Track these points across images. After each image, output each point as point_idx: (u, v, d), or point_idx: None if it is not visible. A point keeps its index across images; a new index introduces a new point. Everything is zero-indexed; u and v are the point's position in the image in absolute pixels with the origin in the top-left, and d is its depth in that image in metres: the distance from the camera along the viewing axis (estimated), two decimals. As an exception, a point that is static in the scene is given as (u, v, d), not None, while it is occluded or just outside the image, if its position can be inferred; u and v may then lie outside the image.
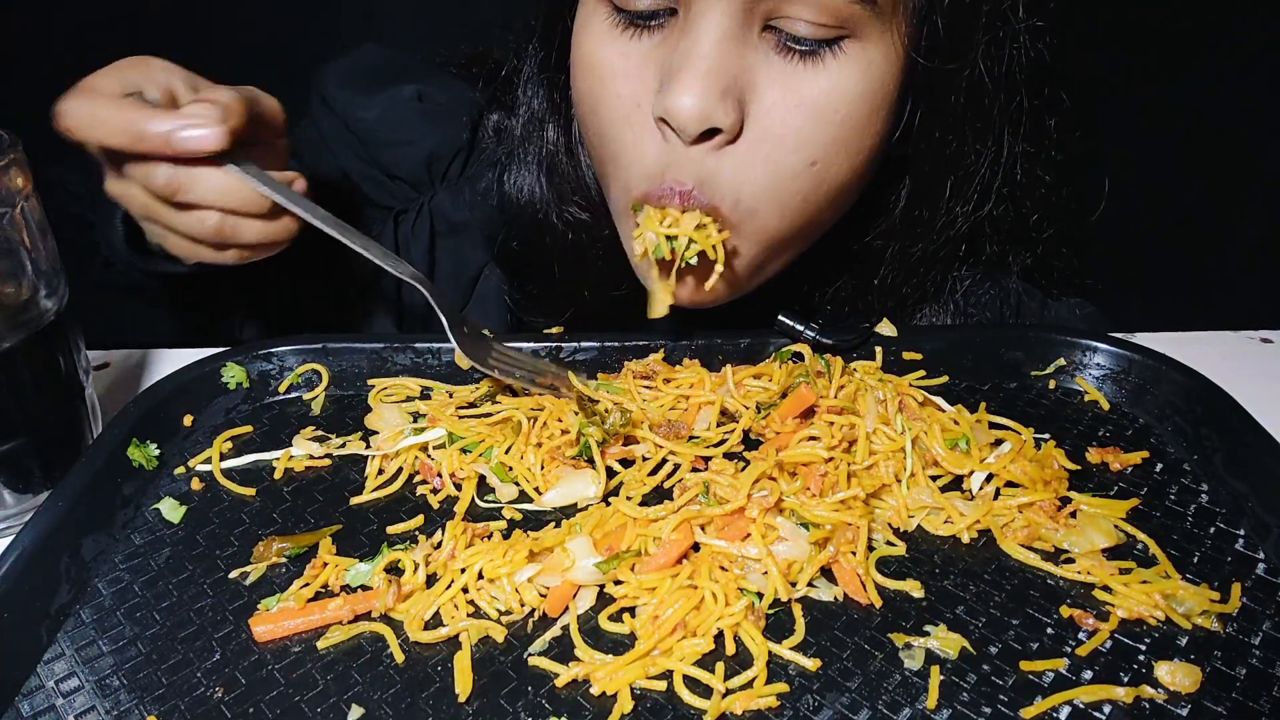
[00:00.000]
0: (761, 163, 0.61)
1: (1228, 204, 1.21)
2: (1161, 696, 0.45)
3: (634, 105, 0.63)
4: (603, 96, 0.64)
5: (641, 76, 0.62)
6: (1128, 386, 0.67)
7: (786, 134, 0.60)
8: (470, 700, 0.46)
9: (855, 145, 0.63)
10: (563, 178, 0.76)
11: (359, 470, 0.62)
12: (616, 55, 0.62)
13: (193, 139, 0.59)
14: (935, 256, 0.73)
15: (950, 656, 0.48)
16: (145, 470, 0.61)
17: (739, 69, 0.59)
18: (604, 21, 0.63)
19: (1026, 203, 0.74)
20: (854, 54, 0.60)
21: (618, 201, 0.68)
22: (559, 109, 0.75)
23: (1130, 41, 1.11)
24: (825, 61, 0.59)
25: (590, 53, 0.64)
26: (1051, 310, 0.83)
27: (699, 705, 0.45)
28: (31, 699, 0.46)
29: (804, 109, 0.60)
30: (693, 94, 0.58)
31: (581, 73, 0.66)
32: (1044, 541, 0.55)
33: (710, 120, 0.59)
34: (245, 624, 0.50)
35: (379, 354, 0.70)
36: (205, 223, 0.62)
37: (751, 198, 0.63)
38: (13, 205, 0.56)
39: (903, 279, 0.74)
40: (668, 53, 0.60)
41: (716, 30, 0.58)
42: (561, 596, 0.51)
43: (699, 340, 0.70)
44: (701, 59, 0.58)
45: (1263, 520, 0.55)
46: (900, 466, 0.59)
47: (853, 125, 0.62)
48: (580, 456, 0.60)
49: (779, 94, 0.60)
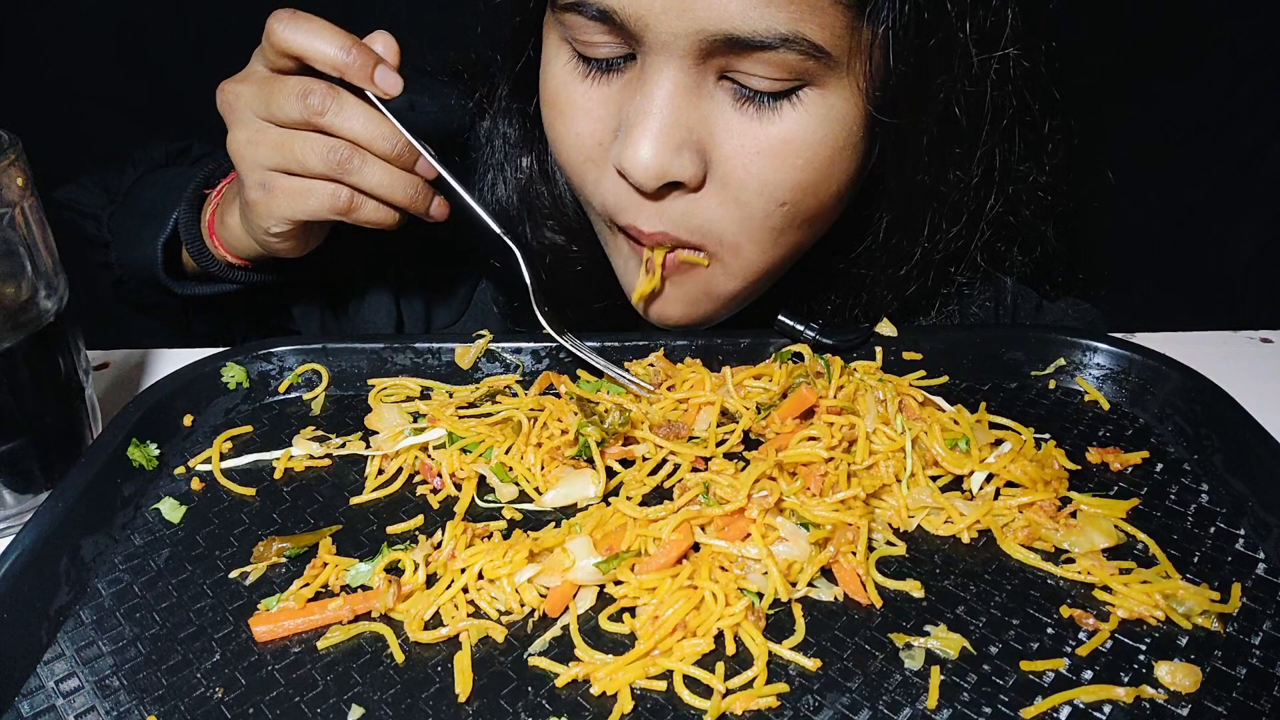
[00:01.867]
0: (731, 205, 0.62)
1: (1228, 204, 1.21)
2: (1161, 696, 0.45)
3: (595, 144, 0.63)
4: (565, 134, 0.65)
5: (602, 118, 0.62)
6: (1128, 386, 0.67)
7: (749, 180, 0.60)
8: (470, 700, 0.46)
9: (822, 186, 0.63)
10: (537, 203, 0.77)
11: (359, 470, 0.62)
12: (578, 96, 0.63)
13: (389, 79, 0.61)
14: (923, 274, 0.72)
15: (950, 656, 0.48)
16: (145, 470, 0.61)
17: (695, 120, 0.59)
18: (566, 63, 0.63)
19: (1024, 211, 0.73)
20: (813, 101, 0.59)
21: (597, 220, 0.70)
22: (531, 137, 0.75)
23: (1130, 42, 1.11)
24: (783, 111, 0.59)
25: (553, 91, 0.65)
26: (1046, 313, 0.83)
27: (699, 705, 0.45)
28: (31, 699, 0.46)
29: (764, 156, 0.60)
30: (649, 150, 0.58)
31: (547, 108, 0.66)
32: (1044, 541, 0.55)
33: (668, 175, 0.59)
34: (245, 624, 0.50)
35: (379, 354, 0.70)
36: (337, 152, 0.62)
37: (729, 235, 0.63)
38: (13, 205, 0.56)
39: (891, 294, 0.74)
40: (628, 98, 0.61)
41: (670, 84, 0.58)
42: (562, 596, 0.51)
43: (699, 340, 0.70)
44: (655, 115, 0.58)
45: (1263, 520, 0.55)
46: (900, 466, 0.59)
47: (816, 168, 0.61)
48: (579, 456, 0.60)
49: (738, 143, 0.60)
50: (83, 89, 1.17)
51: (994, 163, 0.68)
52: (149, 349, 0.79)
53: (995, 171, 0.68)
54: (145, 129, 1.16)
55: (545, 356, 0.70)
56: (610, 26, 0.58)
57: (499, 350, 0.71)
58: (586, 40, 0.60)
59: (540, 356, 0.71)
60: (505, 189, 0.78)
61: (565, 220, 0.76)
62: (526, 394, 0.66)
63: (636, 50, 0.59)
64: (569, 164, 0.66)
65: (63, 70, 1.16)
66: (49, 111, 1.16)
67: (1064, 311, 0.83)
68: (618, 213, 0.65)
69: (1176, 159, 1.19)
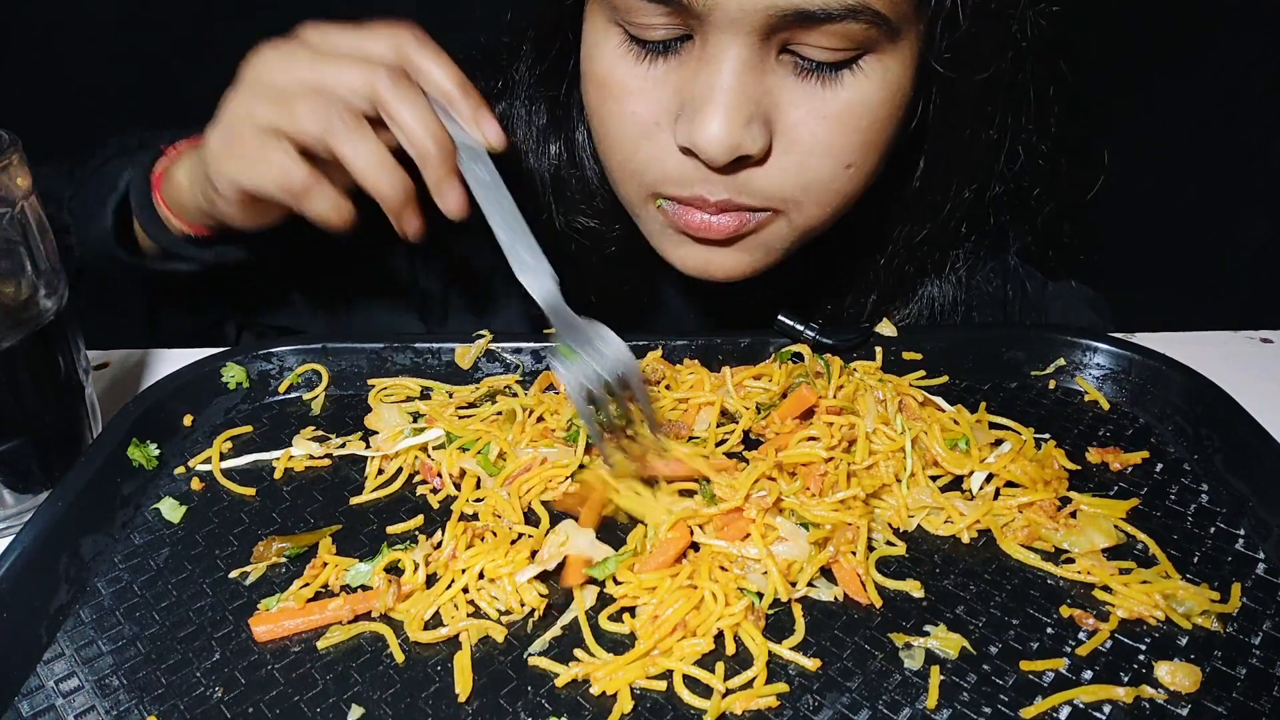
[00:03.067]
0: (795, 171, 0.62)
1: (1228, 204, 1.21)
2: (1161, 696, 0.45)
3: (652, 124, 0.63)
4: (619, 115, 0.64)
5: (659, 99, 0.62)
6: (1128, 386, 0.67)
7: (816, 145, 0.61)
8: (470, 700, 0.46)
9: (883, 143, 0.64)
10: (569, 190, 0.76)
11: (359, 470, 0.62)
12: (632, 78, 0.63)
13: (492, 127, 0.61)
14: (939, 235, 0.73)
15: (950, 656, 0.48)
16: (145, 470, 0.61)
17: (761, 94, 0.60)
18: (617, 46, 0.63)
19: (1026, 178, 0.74)
20: (872, 68, 0.60)
21: (632, 191, 0.68)
22: (561, 124, 0.75)
23: (1130, 41, 1.10)
24: (844, 79, 0.60)
25: (604, 73, 0.64)
26: (1050, 290, 0.83)
27: (699, 705, 0.45)
28: (31, 699, 0.46)
29: (829, 122, 0.61)
30: (721, 126, 0.58)
31: (595, 90, 0.66)
32: (1044, 541, 0.55)
33: (740, 149, 0.59)
34: (245, 624, 0.50)
35: (379, 354, 0.70)
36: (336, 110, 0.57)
37: (794, 195, 0.64)
38: (13, 205, 0.56)
39: (906, 257, 0.74)
40: (686, 77, 0.61)
41: (736, 61, 0.58)
42: (574, 570, 0.51)
43: (699, 340, 0.70)
44: (725, 91, 0.58)
45: (1263, 520, 0.55)
46: (900, 466, 0.59)
47: (879, 129, 0.63)
48: (570, 441, 0.60)
49: (803, 112, 0.61)
50: (83, 89, 1.16)
51: (1006, 123, 0.70)
52: (149, 349, 0.79)
53: (1008, 131, 0.70)
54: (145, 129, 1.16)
55: (545, 356, 0.70)
56: (672, 8, 0.58)
57: (499, 350, 0.71)
58: (643, 23, 0.60)
59: (540, 356, 0.71)
60: (532, 186, 0.77)
61: (595, 203, 0.76)
62: (527, 394, 0.67)
63: (696, 30, 0.59)
64: (621, 142, 0.65)
65: (63, 70, 1.16)
66: (49, 111, 1.16)
67: (1069, 291, 0.84)
68: (679, 186, 0.64)
69: (1177, 157, 1.18)
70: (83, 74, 1.16)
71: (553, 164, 0.76)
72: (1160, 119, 1.16)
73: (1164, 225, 1.21)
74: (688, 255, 0.69)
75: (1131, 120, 1.15)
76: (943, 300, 0.77)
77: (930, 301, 0.77)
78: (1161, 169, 1.18)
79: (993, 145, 0.69)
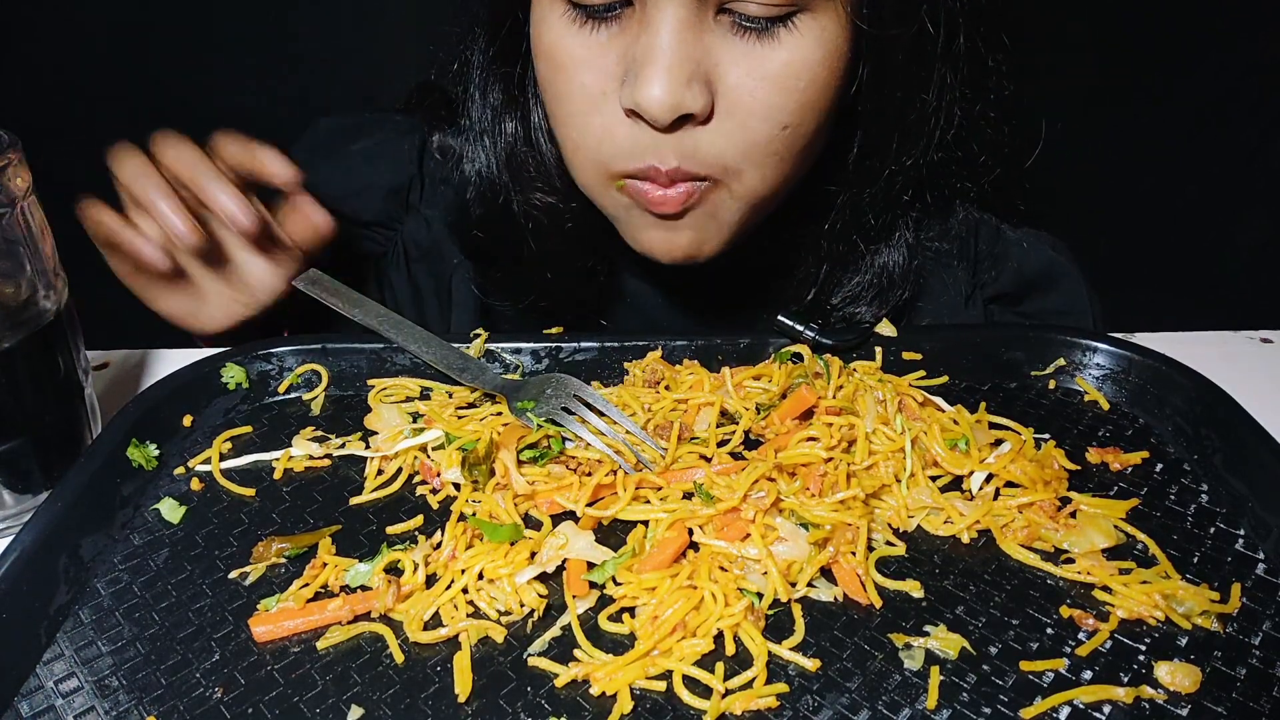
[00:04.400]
0: (738, 131, 0.64)
1: (1228, 204, 1.21)
2: (1161, 697, 0.45)
3: (600, 94, 0.65)
4: (567, 87, 0.66)
5: (603, 66, 0.64)
6: (1128, 386, 0.67)
7: (756, 105, 0.63)
8: (470, 701, 0.46)
9: (820, 105, 0.66)
10: (524, 167, 0.78)
11: (359, 470, 0.62)
12: (577, 47, 0.64)
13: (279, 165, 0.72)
14: (883, 201, 0.75)
15: (950, 657, 0.48)
16: (145, 470, 0.61)
17: (700, 53, 0.61)
18: (561, 16, 0.64)
19: (971, 144, 0.76)
20: (807, 25, 0.62)
21: (591, 176, 0.70)
22: (516, 102, 0.76)
23: (1130, 41, 1.10)
24: (780, 36, 0.62)
25: (550, 45, 0.66)
26: (1010, 236, 0.84)
27: (699, 705, 0.45)
28: (31, 699, 0.46)
29: (768, 81, 0.63)
30: (661, 86, 0.60)
31: (544, 64, 0.67)
32: (1044, 541, 0.55)
33: (682, 108, 0.61)
34: (244, 624, 0.50)
35: (379, 354, 0.70)
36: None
37: (734, 162, 0.65)
38: (13, 205, 0.56)
39: (852, 225, 0.76)
40: (628, 42, 0.63)
41: (675, 21, 0.60)
42: (575, 576, 0.51)
43: (698, 340, 0.70)
44: (665, 51, 0.60)
45: (1263, 520, 0.55)
46: (900, 467, 0.58)
47: (816, 89, 0.64)
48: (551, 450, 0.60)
49: (743, 71, 0.62)
50: (83, 89, 1.17)
51: (944, 88, 0.71)
52: (149, 349, 0.79)
53: (944, 95, 0.72)
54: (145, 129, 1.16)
55: (545, 356, 0.70)
56: None
57: (498, 350, 0.71)
58: None
59: (540, 356, 0.71)
60: (488, 166, 0.79)
61: (552, 181, 0.78)
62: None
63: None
64: (572, 116, 0.67)
65: (63, 70, 1.16)
66: (49, 111, 1.16)
67: (1027, 239, 0.85)
68: (631, 158, 0.66)
69: (1177, 157, 1.19)
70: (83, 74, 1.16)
71: (508, 143, 0.77)
72: (1160, 119, 1.16)
73: (1164, 225, 1.21)
74: (653, 239, 0.71)
75: (1131, 120, 1.15)
76: (893, 268, 0.78)
77: (882, 269, 0.78)
78: (1161, 169, 1.18)
79: (929, 110, 0.71)
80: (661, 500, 0.56)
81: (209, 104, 0.67)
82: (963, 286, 0.83)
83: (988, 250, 0.83)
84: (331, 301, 0.71)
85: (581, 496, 0.56)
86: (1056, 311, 0.84)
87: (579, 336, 0.71)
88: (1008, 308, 0.85)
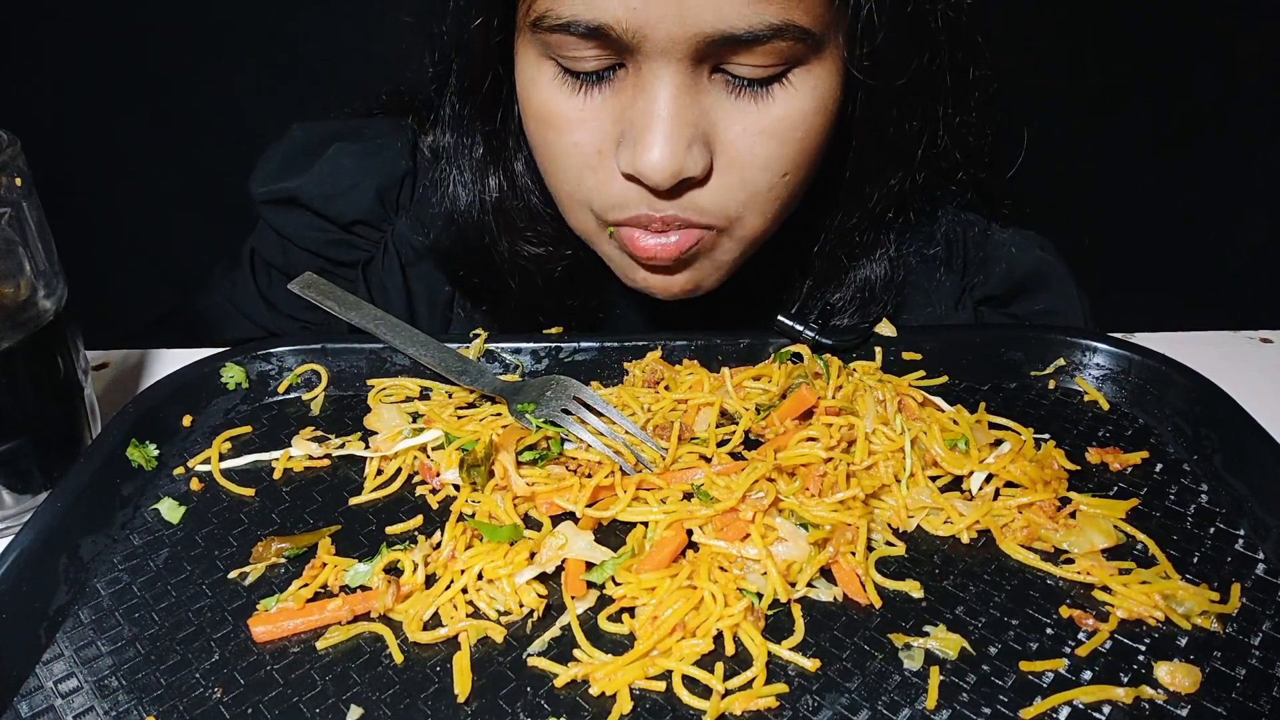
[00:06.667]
0: (738, 185, 0.64)
1: (1228, 204, 1.21)
2: (1161, 697, 0.45)
3: (594, 153, 0.64)
4: (561, 146, 0.65)
5: (599, 127, 0.63)
6: (1128, 386, 0.67)
7: (754, 159, 0.63)
8: (469, 701, 0.46)
9: (816, 149, 0.66)
10: (513, 218, 0.76)
11: (358, 470, 0.62)
12: (570, 109, 0.63)
13: None
14: (870, 220, 0.75)
15: (950, 657, 0.48)
16: (144, 470, 0.61)
17: (698, 115, 0.61)
18: (552, 79, 0.63)
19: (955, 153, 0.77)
20: (801, 79, 0.61)
21: (583, 223, 0.70)
22: (499, 155, 0.75)
23: (1130, 41, 1.10)
24: (775, 94, 0.61)
25: (540, 105, 0.64)
26: (993, 236, 0.84)
27: (698, 706, 0.45)
28: (30, 699, 0.46)
29: (765, 136, 0.62)
30: (662, 152, 0.59)
31: (535, 123, 0.66)
32: (1044, 542, 0.55)
33: (684, 173, 0.61)
34: (244, 624, 0.50)
35: (378, 354, 0.70)
36: None
37: (736, 212, 0.65)
38: (13, 205, 0.56)
39: (839, 244, 0.76)
40: (624, 104, 0.62)
41: (671, 86, 0.59)
42: (573, 576, 0.51)
43: (698, 341, 0.70)
44: (663, 119, 0.59)
45: (1263, 520, 0.55)
46: (899, 467, 0.58)
47: (814, 136, 0.64)
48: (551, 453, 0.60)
49: (740, 129, 0.62)
50: (83, 89, 1.16)
51: (931, 108, 0.72)
52: (149, 349, 0.79)
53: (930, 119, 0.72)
54: (145, 129, 1.16)
55: (545, 356, 0.70)
56: (602, 41, 0.59)
57: (498, 350, 0.71)
58: (574, 55, 0.61)
59: (540, 356, 0.71)
60: (475, 215, 0.77)
61: (543, 231, 0.77)
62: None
63: (628, 60, 0.60)
64: (565, 172, 0.66)
65: (63, 70, 1.16)
66: (49, 111, 1.16)
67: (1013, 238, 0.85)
68: (625, 210, 0.65)
69: (1177, 157, 1.18)
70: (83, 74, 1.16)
71: (494, 196, 0.76)
72: (1160, 119, 1.16)
73: (1163, 225, 1.21)
74: (650, 279, 0.70)
75: (1132, 120, 1.15)
76: (875, 281, 0.78)
77: (864, 283, 0.78)
78: (1161, 169, 1.18)
79: (916, 133, 0.71)
80: (661, 501, 0.56)
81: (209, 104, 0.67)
82: (952, 291, 0.82)
83: (976, 253, 0.83)
84: (327, 305, 0.71)
85: (581, 498, 0.56)
86: (1046, 311, 0.83)
87: (579, 336, 0.71)
88: (998, 309, 0.85)
